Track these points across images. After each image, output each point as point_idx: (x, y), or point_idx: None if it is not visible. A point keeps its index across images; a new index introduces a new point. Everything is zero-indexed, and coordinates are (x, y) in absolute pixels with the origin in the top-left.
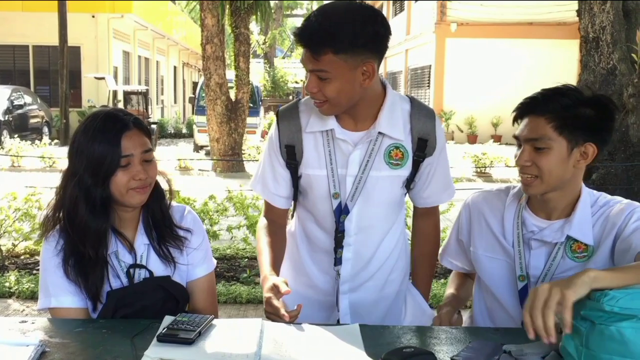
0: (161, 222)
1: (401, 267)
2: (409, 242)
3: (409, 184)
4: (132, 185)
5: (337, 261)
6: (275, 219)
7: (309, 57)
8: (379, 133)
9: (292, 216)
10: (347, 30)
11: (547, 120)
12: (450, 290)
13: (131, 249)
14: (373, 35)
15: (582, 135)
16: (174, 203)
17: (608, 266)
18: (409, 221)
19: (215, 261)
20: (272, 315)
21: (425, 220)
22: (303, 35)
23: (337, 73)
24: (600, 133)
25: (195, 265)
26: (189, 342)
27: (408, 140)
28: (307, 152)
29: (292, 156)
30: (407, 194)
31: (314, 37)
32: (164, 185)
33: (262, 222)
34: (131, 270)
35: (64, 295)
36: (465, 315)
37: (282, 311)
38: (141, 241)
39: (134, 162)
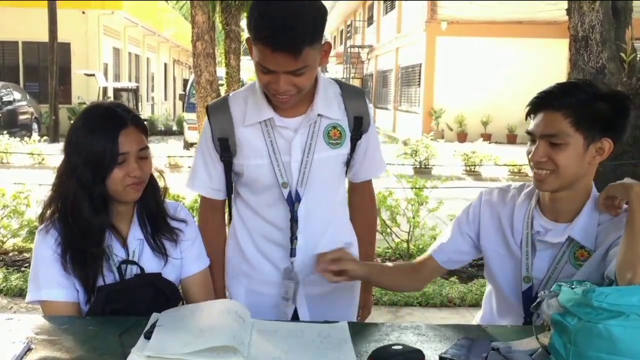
0: (155, 214)
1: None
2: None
3: (348, 162)
4: (128, 182)
5: (293, 252)
6: (214, 218)
7: (286, 60)
8: (318, 115)
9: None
10: (318, 18)
11: (564, 116)
12: (388, 263)
13: (124, 244)
14: (325, 15)
15: (598, 131)
16: (166, 200)
17: (597, 269)
18: None
19: (208, 259)
20: None
21: (361, 192)
22: (281, 39)
23: (313, 63)
24: (615, 128)
25: (190, 261)
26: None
27: (345, 120)
28: (246, 144)
29: (225, 149)
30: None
31: (294, 37)
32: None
33: (204, 231)
34: (122, 266)
35: (55, 288)
36: (478, 315)
37: None
38: (134, 236)
39: (129, 160)
